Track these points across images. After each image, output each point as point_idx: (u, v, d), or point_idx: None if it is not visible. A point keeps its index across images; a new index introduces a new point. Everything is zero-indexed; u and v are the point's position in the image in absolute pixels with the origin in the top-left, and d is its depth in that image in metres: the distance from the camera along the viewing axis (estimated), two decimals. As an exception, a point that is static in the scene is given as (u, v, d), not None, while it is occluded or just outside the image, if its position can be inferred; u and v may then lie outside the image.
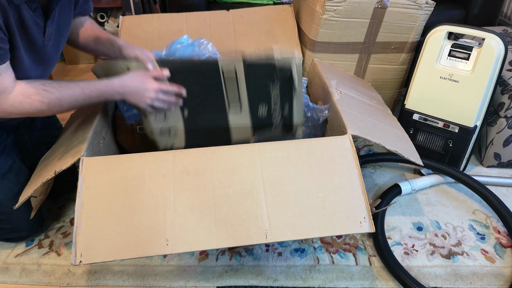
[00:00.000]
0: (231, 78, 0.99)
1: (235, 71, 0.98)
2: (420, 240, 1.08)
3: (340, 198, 0.84)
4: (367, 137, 0.93)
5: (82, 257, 0.77)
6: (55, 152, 1.00)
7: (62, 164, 0.86)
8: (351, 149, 0.89)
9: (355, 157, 0.88)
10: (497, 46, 1.10)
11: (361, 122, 0.99)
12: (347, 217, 0.82)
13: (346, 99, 1.09)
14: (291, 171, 0.86)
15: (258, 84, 1.00)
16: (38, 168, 1.00)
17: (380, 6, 1.18)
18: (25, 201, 0.99)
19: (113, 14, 1.96)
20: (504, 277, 0.98)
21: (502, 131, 1.26)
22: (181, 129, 1.01)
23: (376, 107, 1.17)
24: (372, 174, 1.32)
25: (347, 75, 1.30)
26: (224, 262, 1.02)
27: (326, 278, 0.98)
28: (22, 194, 0.92)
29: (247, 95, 1.01)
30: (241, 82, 0.99)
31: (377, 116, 1.10)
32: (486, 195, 1.12)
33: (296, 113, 1.03)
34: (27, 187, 0.94)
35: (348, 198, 0.84)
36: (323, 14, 1.19)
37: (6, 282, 0.98)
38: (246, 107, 1.01)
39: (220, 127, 1.02)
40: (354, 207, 0.83)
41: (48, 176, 0.85)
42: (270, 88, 1.00)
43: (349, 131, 0.92)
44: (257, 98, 1.01)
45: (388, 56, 1.30)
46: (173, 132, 1.00)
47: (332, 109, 1.06)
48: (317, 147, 0.89)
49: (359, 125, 0.97)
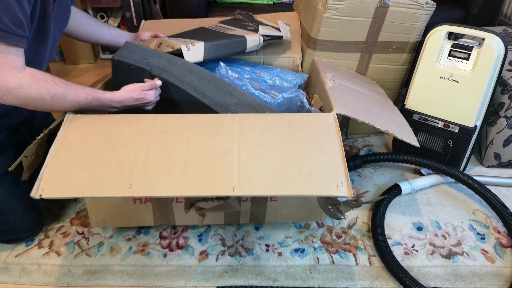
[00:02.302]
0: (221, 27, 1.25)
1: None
2: (420, 240, 1.08)
3: (317, 163, 0.81)
4: (355, 116, 0.91)
5: (43, 191, 0.76)
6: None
7: (52, 125, 0.88)
8: (334, 124, 0.87)
9: (338, 131, 0.86)
10: (497, 46, 1.10)
11: (352, 105, 0.97)
12: (324, 180, 0.79)
13: (340, 88, 1.08)
14: (269, 138, 0.85)
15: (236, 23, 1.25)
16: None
17: (381, 5, 1.18)
18: (23, 204, 1.00)
19: (113, 14, 1.96)
20: (504, 277, 0.98)
21: (502, 131, 1.26)
22: (200, 42, 1.08)
23: (375, 97, 1.16)
24: (372, 174, 1.32)
25: (347, 71, 1.30)
26: (224, 262, 1.02)
27: (326, 278, 0.98)
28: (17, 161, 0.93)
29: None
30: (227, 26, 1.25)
31: (373, 103, 1.08)
32: (486, 195, 1.12)
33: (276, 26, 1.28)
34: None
35: (326, 163, 0.81)
36: (325, 12, 1.19)
37: (6, 282, 0.98)
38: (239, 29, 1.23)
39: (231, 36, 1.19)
40: (331, 172, 0.80)
41: (38, 137, 0.86)
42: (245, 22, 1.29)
43: (334, 110, 0.91)
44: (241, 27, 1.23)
45: (389, 56, 1.30)
46: (191, 42, 1.09)
47: (324, 95, 1.05)
48: (299, 120, 0.89)
49: (348, 107, 0.95)
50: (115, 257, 1.03)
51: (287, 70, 1.26)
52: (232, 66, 1.21)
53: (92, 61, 2.07)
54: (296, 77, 1.22)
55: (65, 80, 0.87)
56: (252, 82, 1.16)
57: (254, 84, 1.16)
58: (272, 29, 1.25)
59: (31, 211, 1.05)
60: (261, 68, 1.24)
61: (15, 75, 0.78)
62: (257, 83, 1.17)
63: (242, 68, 1.22)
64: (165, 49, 1.07)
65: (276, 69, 1.25)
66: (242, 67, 1.22)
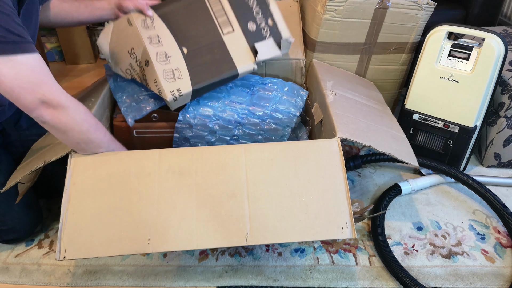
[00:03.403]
0: (215, 2, 1.07)
1: None
2: (420, 240, 1.08)
3: (323, 202, 0.83)
4: (358, 140, 0.92)
5: (66, 252, 0.78)
6: (47, 140, 1.01)
7: (52, 155, 0.86)
8: (338, 153, 0.88)
9: (342, 161, 0.87)
10: (497, 46, 1.10)
11: (354, 124, 0.99)
12: (329, 222, 0.82)
13: (341, 101, 1.08)
14: (276, 174, 0.86)
15: (239, 2, 1.08)
16: (29, 154, 1.01)
17: (381, 7, 1.18)
18: (20, 201, 1.00)
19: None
20: (504, 277, 0.98)
21: (502, 131, 1.26)
22: (184, 69, 1.02)
23: (374, 107, 1.17)
24: (372, 174, 1.32)
25: (346, 75, 1.30)
26: (224, 262, 1.02)
27: (326, 278, 0.98)
28: (10, 179, 0.93)
29: (234, 16, 1.07)
30: (224, 3, 1.07)
31: (373, 117, 1.09)
32: (486, 195, 1.12)
33: (281, 26, 1.09)
34: (16, 172, 0.95)
35: (331, 203, 0.83)
36: (324, 14, 1.19)
37: (6, 282, 0.98)
38: (237, 28, 1.07)
39: (220, 56, 1.05)
40: (336, 213, 0.83)
41: (37, 165, 0.86)
42: (250, 4, 1.08)
43: (338, 134, 0.92)
44: (243, 16, 1.07)
45: (388, 57, 1.30)
46: (177, 74, 1.02)
47: (325, 111, 1.06)
48: (304, 150, 0.89)
49: (350, 127, 0.96)
50: (115, 257, 1.03)
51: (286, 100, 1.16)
52: (224, 105, 1.13)
53: (92, 61, 2.07)
54: (295, 105, 1.16)
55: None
56: (248, 126, 1.14)
57: (251, 127, 1.14)
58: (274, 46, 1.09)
59: (29, 209, 1.05)
60: (256, 98, 1.15)
61: (62, 92, 0.77)
62: (254, 126, 1.14)
63: (235, 110, 1.13)
64: (152, 85, 1.03)
65: (274, 98, 1.15)
66: (235, 108, 1.13)
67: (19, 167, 0.98)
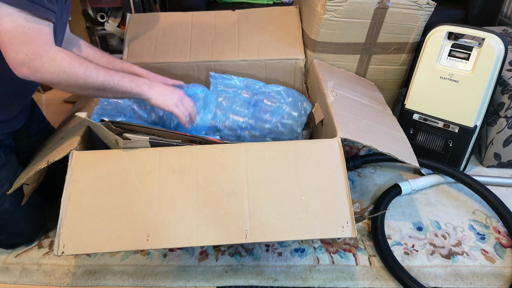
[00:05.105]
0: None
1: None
2: (420, 240, 1.08)
3: (323, 201, 0.83)
4: (358, 140, 0.92)
5: (64, 248, 0.78)
6: (52, 142, 1.02)
7: (55, 155, 0.87)
8: (339, 152, 0.88)
9: (342, 161, 0.87)
10: (497, 46, 1.10)
11: (354, 124, 0.99)
12: (330, 221, 0.82)
13: (341, 101, 1.08)
14: (276, 173, 0.85)
15: None
16: (35, 156, 1.03)
17: (381, 7, 1.18)
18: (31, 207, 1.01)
19: (113, 14, 1.96)
20: (504, 277, 0.98)
21: (502, 131, 1.26)
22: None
23: (375, 107, 1.17)
24: (372, 174, 1.32)
25: (347, 75, 1.30)
26: (224, 262, 1.02)
27: (326, 278, 0.98)
28: (16, 181, 0.94)
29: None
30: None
31: (374, 117, 1.09)
32: (486, 195, 1.12)
33: None
34: (21, 175, 0.96)
35: (331, 202, 0.83)
36: (323, 14, 1.19)
37: (6, 282, 0.98)
38: None
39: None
40: (337, 212, 0.82)
41: (41, 166, 0.86)
42: None
43: (338, 134, 0.92)
44: None
45: (388, 57, 1.30)
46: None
47: (326, 111, 1.06)
48: (304, 150, 0.88)
49: (351, 127, 0.96)
50: (115, 257, 1.03)
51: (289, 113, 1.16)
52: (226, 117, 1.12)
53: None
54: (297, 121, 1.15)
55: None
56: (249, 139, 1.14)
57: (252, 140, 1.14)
58: None
59: (39, 213, 1.07)
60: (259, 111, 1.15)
61: (48, 49, 0.76)
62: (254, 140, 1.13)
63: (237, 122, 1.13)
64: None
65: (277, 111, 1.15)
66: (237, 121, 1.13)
67: (26, 168, 0.99)
